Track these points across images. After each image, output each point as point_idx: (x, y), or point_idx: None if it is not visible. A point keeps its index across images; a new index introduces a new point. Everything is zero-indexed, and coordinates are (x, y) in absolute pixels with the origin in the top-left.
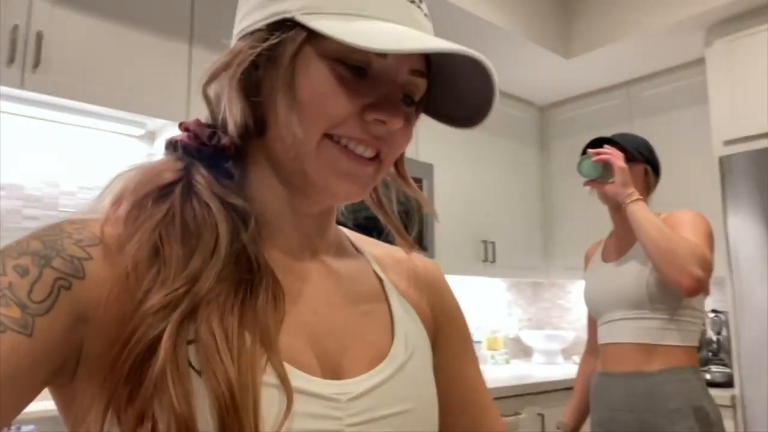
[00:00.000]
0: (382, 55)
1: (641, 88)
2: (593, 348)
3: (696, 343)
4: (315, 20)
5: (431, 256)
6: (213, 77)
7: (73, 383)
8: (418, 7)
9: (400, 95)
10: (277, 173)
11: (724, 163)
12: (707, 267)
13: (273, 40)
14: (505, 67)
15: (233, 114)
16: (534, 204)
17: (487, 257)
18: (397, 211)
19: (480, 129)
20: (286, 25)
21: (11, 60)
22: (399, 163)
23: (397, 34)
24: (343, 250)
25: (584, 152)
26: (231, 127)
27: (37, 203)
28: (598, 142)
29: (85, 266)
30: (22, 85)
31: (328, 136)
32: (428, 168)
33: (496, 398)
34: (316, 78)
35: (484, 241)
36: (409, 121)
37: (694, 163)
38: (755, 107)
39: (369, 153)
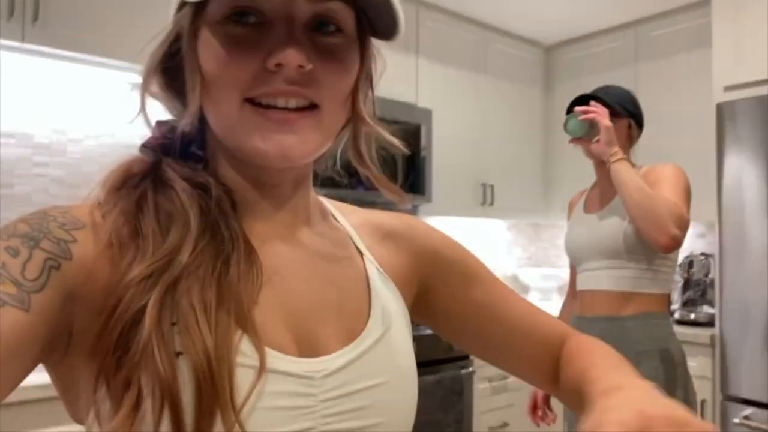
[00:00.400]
0: None
1: (649, 28)
2: (574, 292)
3: (668, 291)
4: None
5: (428, 200)
6: (144, 80)
7: (66, 360)
8: None
9: (304, 28)
10: (226, 152)
11: (725, 108)
12: (684, 225)
13: (175, 28)
14: (509, 5)
15: (169, 110)
16: (535, 146)
17: (485, 200)
18: (398, 157)
19: (482, 72)
20: (183, 8)
21: (11, 14)
22: (355, 104)
23: None
24: (321, 221)
25: (570, 110)
26: (177, 119)
27: (45, 150)
28: (583, 99)
29: (71, 248)
30: (23, 39)
31: (247, 101)
32: (427, 113)
33: None
34: (211, 47)
35: (483, 184)
36: (333, 51)
37: (694, 107)
38: (758, 54)
39: (293, 103)
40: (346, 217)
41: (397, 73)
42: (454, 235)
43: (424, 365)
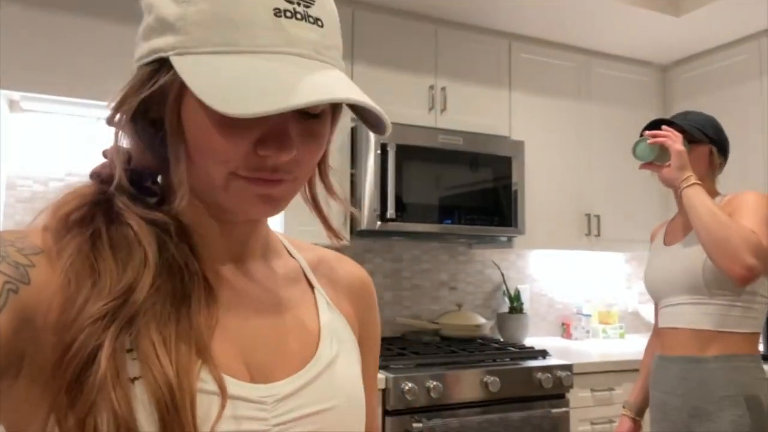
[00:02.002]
0: None
1: None
2: (657, 330)
3: (757, 330)
4: (186, 62)
5: (521, 232)
6: (109, 121)
7: (14, 388)
8: (295, 14)
9: (291, 119)
10: (197, 196)
11: None
12: (762, 254)
13: (153, 84)
14: (614, 33)
15: (133, 154)
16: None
17: (590, 231)
18: (489, 191)
19: (585, 98)
20: (165, 65)
21: None
22: (323, 173)
23: (259, 86)
24: (276, 254)
25: (642, 134)
26: (139, 160)
27: None
28: (656, 124)
29: (29, 273)
30: None
31: (233, 173)
32: (519, 145)
33: (591, 372)
34: (200, 122)
35: (588, 215)
36: (315, 134)
37: None
38: None
39: (277, 176)
40: (301, 252)
41: (489, 107)
42: (557, 267)
43: (510, 402)
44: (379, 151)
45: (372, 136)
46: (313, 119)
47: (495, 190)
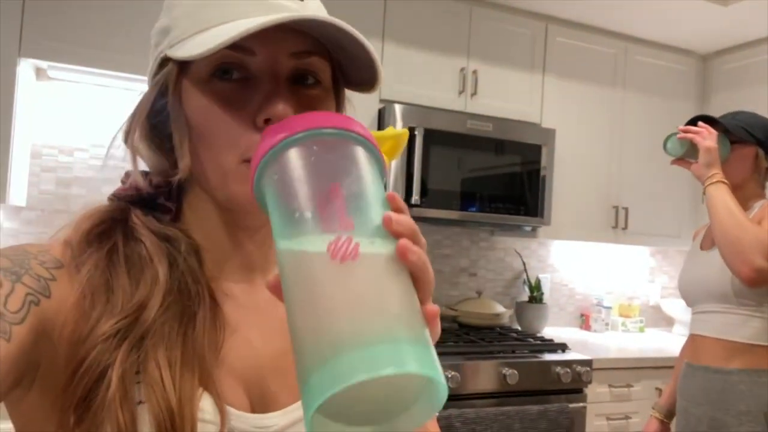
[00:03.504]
0: (251, 53)
1: None
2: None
3: None
4: (176, 50)
5: (547, 223)
6: (127, 133)
7: (27, 398)
8: None
9: (287, 83)
10: (211, 199)
11: None
12: None
13: (158, 84)
14: (656, 19)
15: (148, 163)
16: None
17: (617, 224)
18: (517, 179)
19: (620, 86)
20: (165, 65)
21: None
22: None
23: (228, 30)
24: None
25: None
26: (155, 170)
27: None
28: (697, 120)
29: (50, 286)
30: None
31: (245, 161)
32: (550, 133)
33: (610, 368)
34: (200, 103)
35: (616, 207)
36: (313, 100)
37: None
38: None
39: None
40: None
41: (521, 92)
42: (579, 257)
43: (527, 394)
44: None
45: (400, 118)
46: (309, 87)
47: (522, 179)
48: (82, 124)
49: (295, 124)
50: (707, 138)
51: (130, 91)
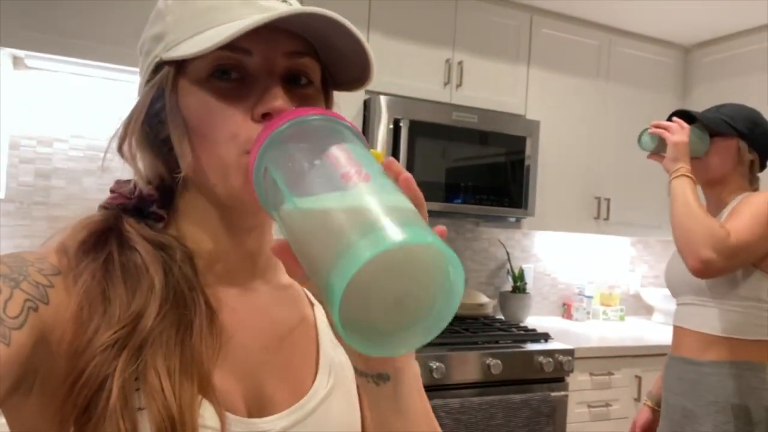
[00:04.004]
0: (248, 53)
1: None
2: None
3: (762, 337)
4: (173, 52)
5: (531, 214)
6: (121, 141)
7: (26, 405)
8: None
9: (281, 81)
10: (209, 200)
11: None
12: (723, 250)
13: (154, 88)
14: (641, 10)
15: (144, 167)
16: None
17: (599, 214)
18: (501, 170)
19: (603, 78)
20: (160, 69)
21: None
22: None
23: (225, 30)
24: (277, 272)
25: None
26: (148, 179)
27: None
28: (677, 115)
29: (48, 293)
30: None
31: (245, 153)
32: (534, 125)
33: (591, 357)
34: (197, 102)
35: (598, 198)
36: (306, 99)
37: None
38: None
39: None
40: None
41: (506, 84)
42: (562, 247)
43: (510, 384)
44: (391, 126)
45: (385, 110)
46: (301, 87)
47: (507, 170)
48: (61, 115)
49: (289, 114)
50: (676, 133)
51: (109, 80)
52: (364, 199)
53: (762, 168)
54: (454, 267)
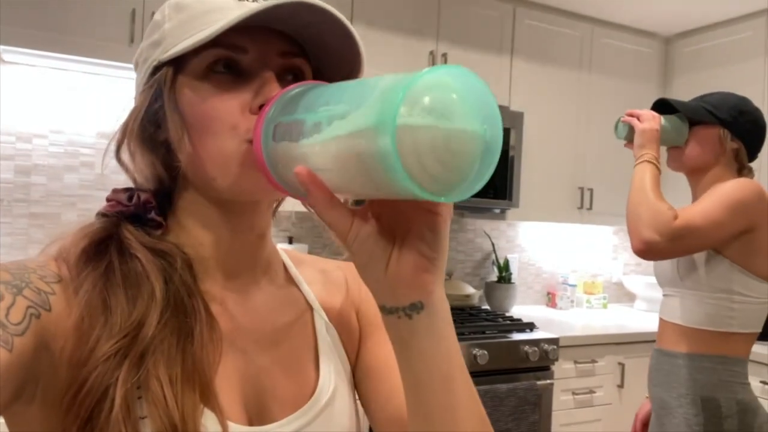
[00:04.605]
0: (243, 50)
1: None
2: None
3: (735, 330)
4: (170, 52)
5: (515, 205)
6: (119, 143)
7: (29, 411)
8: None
9: (275, 77)
10: (209, 199)
11: None
12: (666, 232)
13: (152, 89)
14: (623, 1)
15: (143, 168)
16: None
17: (583, 204)
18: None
19: (586, 69)
20: (158, 72)
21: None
22: None
23: (219, 24)
24: (276, 275)
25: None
26: (147, 181)
27: None
28: (662, 104)
29: (50, 300)
30: None
31: (246, 142)
32: (518, 116)
33: (575, 345)
34: (196, 96)
35: (581, 188)
36: None
37: None
38: None
39: None
40: (298, 267)
41: (490, 76)
42: (546, 237)
43: (496, 373)
44: None
45: None
46: (295, 81)
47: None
48: (40, 110)
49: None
50: (646, 121)
51: (89, 74)
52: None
53: (751, 157)
54: (491, 121)
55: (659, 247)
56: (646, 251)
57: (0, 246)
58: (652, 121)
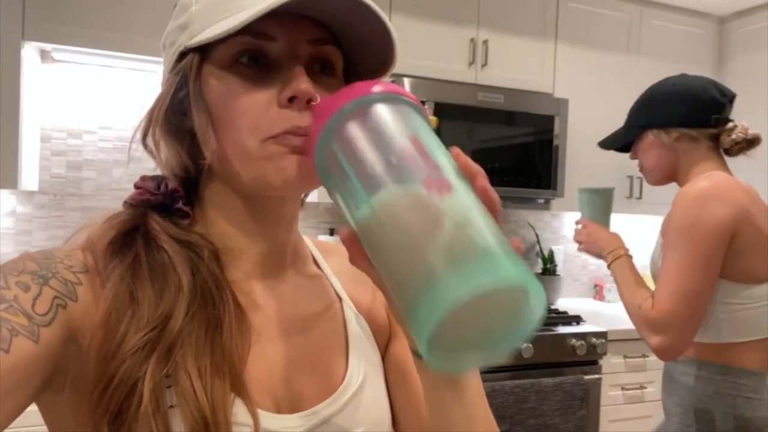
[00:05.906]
0: (272, 39)
1: None
2: None
3: (727, 340)
4: (197, 39)
5: (560, 195)
6: (145, 131)
7: (59, 401)
8: None
9: (303, 67)
10: (235, 191)
11: None
12: (660, 328)
13: (177, 75)
14: None
15: (169, 157)
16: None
17: (632, 194)
18: (529, 151)
19: (634, 53)
20: (184, 58)
21: None
22: None
23: (248, 12)
24: (304, 266)
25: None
26: (173, 170)
27: None
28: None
29: (77, 290)
30: None
31: (269, 138)
32: (563, 103)
33: (625, 339)
34: (221, 87)
35: (630, 177)
36: (331, 88)
37: None
38: None
39: (302, 131)
40: (327, 258)
41: (533, 62)
42: None
43: (543, 367)
44: None
45: (409, 92)
46: (325, 76)
47: (534, 151)
48: (89, 106)
49: (347, 94)
50: (578, 235)
51: (136, 71)
52: (450, 220)
53: (705, 121)
54: (535, 294)
55: (666, 344)
56: (666, 355)
57: (56, 239)
58: (581, 234)
